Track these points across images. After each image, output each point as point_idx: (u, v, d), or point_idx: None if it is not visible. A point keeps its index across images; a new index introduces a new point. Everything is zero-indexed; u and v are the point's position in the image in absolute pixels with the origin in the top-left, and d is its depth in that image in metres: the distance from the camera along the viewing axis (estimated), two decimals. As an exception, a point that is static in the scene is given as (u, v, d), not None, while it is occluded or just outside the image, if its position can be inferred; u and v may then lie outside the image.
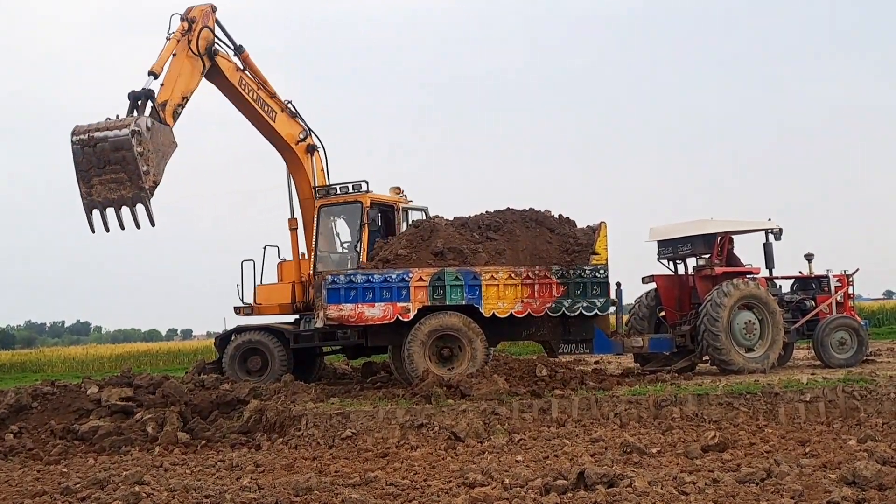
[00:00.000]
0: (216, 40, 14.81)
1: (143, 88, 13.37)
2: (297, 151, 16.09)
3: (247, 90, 15.32)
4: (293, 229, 16.34)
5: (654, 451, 9.03)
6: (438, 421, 10.81)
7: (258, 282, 16.20)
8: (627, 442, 9.19)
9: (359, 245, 15.36)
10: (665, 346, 15.22)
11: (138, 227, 12.69)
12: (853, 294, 16.40)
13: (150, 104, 13.25)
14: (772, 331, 14.70)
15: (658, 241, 16.17)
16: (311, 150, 16.30)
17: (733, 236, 15.80)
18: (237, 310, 16.24)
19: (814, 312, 15.76)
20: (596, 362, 18.52)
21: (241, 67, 15.39)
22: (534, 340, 14.85)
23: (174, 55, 14.06)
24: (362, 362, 17.65)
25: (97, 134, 11.93)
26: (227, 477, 8.75)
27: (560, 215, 14.53)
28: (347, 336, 14.53)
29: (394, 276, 13.11)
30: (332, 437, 10.71)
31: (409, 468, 8.77)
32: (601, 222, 14.07)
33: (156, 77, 13.73)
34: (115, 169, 11.63)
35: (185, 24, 14.27)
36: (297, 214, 16.35)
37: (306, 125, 16.28)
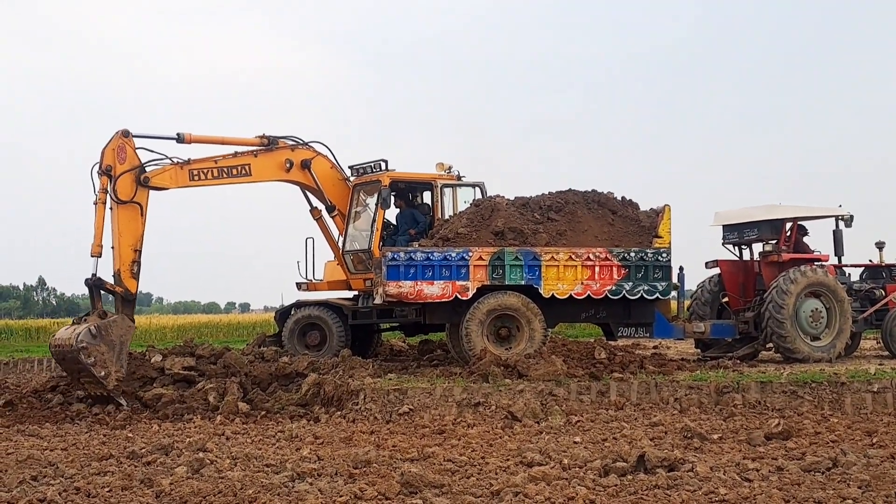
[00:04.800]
0: (143, 166, 13.41)
1: (92, 276, 12.84)
2: (292, 178, 15.18)
3: (202, 176, 14.10)
4: (317, 219, 15.87)
5: (716, 437, 8.90)
6: (495, 400, 10.79)
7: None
8: (688, 427, 9.07)
9: (373, 225, 15.05)
10: (728, 332, 14.96)
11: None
12: (925, 284, 15.89)
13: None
14: (839, 320, 14.33)
15: (723, 226, 15.86)
16: (306, 164, 15.11)
17: (806, 226, 15.43)
18: (298, 285, 16.37)
19: (883, 302, 15.32)
20: (655, 347, 18.30)
21: (185, 161, 13.91)
22: (593, 323, 14.70)
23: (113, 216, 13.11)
24: (419, 340, 17.72)
25: (61, 349, 12.18)
26: (287, 447, 8.87)
27: (623, 197, 14.34)
28: (405, 313, 14.56)
29: (453, 255, 13.10)
30: (390, 413, 10.78)
31: (467, 445, 8.78)
32: (665, 205, 13.85)
33: (100, 256, 12.91)
34: (85, 375, 12.16)
35: (105, 179, 13.08)
36: (317, 204, 15.77)
37: (289, 141, 15.08)
